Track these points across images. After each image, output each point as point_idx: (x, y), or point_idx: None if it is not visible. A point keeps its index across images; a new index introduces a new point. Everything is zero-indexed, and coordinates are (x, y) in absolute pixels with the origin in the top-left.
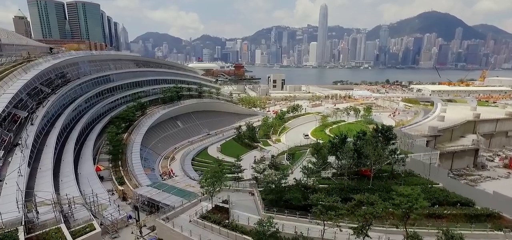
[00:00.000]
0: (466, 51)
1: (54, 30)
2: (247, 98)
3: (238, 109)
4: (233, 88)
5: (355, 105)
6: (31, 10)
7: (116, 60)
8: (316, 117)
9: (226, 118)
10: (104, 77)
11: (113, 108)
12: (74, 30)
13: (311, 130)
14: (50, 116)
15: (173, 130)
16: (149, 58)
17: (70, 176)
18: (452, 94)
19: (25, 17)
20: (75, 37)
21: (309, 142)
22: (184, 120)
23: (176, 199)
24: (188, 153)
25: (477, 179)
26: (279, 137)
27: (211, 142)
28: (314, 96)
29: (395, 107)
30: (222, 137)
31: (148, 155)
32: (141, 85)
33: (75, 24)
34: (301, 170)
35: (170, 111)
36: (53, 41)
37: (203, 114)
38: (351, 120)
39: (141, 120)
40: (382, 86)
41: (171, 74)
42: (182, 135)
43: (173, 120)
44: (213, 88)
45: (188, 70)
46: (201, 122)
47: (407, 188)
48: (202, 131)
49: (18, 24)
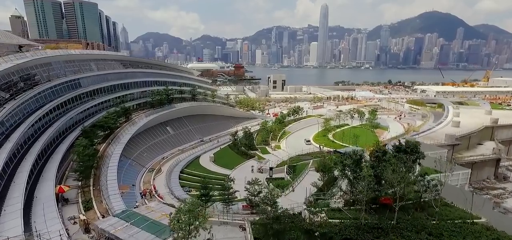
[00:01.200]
0: (468, 51)
1: (51, 29)
2: (245, 100)
3: (235, 112)
4: (232, 89)
5: (358, 107)
6: (27, 9)
7: (99, 60)
8: (318, 121)
9: (222, 122)
10: (81, 80)
11: (92, 114)
12: (72, 30)
13: (313, 135)
14: (5, 128)
15: (162, 137)
16: (138, 58)
17: (16, 205)
18: (457, 95)
19: (22, 16)
20: (72, 37)
21: (311, 148)
22: (175, 125)
23: (145, 237)
24: (177, 164)
25: (501, 194)
26: (278, 143)
27: (205, 150)
28: (316, 97)
29: (400, 109)
30: (216, 144)
31: (130, 168)
32: (127, 87)
33: (73, 24)
34: (306, 207)
35: (159, 116)
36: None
37: (197, 118)
38: (355, 124)
39: (124, 127)
40: (385, 86)
41: (162, 76)
42: (172, 142)
43: (162, 126)
44: (209, 90)
45: (182, 70)
46: (194, 128)
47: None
48: (195, 137)
49: (15, 23)
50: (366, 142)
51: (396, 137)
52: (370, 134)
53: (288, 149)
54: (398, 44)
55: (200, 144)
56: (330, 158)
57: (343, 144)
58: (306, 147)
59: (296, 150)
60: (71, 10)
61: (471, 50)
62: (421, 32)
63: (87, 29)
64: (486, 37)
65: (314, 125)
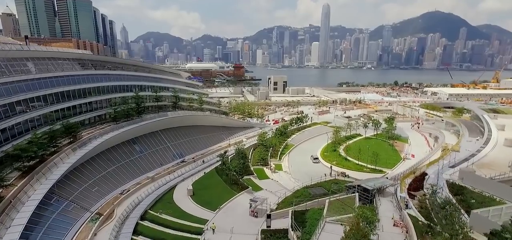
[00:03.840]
0: (471, 51)
1: (43, 27)
2: (241, 106)
3: (228, 121)
4: (229, 91)
5: (369, 112)
6: (19, 7)
7: (41, 59)
8: (326, 130)
9: (211, 134)
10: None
11: (15, 136)
12: (65, 28)
13: (321, 149)
14: None
15: (126, 160)
16: (105, 57)
17: None
18: (471, 98)
19: (13, 14)
20: (66, 35)
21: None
22: (147, 142)
23: None
24: (138, 204)
25: None
26: (280, 162)
27: (184, 176)
28: (320, 101)
29: (416, 115)
30: (201, 166)
31: (61, 217)
32: (83, 95)
33: (66, 22)
34: None
35: (123, 132)
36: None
37: (179, 131)
38: (369, 134)
39: (65, 152)
40: (392, 88)
41: (138, 79)
42: (142, 165)
43: (128, 146)
44: (197, 95)
45: (166, 72)
46: (174, 144)
47: None
48: (173, 157)
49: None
50: (387, 161)
51: (434, 161)
52: (389, 149)
53: (292, 169)
54: (400, 44)
55: (180, 166)
56: (363, 215)
57: (359, 163)
58: (314, 169)
59: (301, 173)
60: (64, 7)
61: (474, 51)
62: (424, 32)
63: (81, 28)
64: (489, 37)
65: (320, 136)
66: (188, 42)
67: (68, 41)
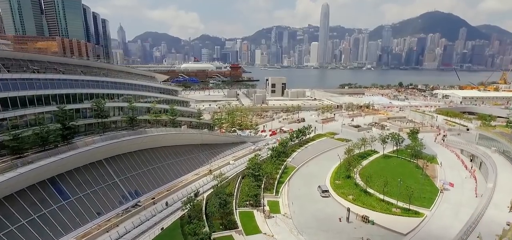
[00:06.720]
0: (471, 52)
1: (29, 25)
2: (232, 115)
3: (210, 138)
4: (223, 94)
5: (380, 120)
6: (2, 3)
7: None
8: (336, 149)
9: (187, 157)
10: None
11: None
12: (52, 26)
13: (330, 174)
14: None
15: (40, 213)
16: (25, 54)
17: None
18: (487, 101)
19: None
20: (53, 34)
21: (330, 209)
22: (80, 180)
23: None
24: None
25: None
26: (277, 198)
27: (133, 235)
28: (323, 106)
29: (435, 124)
30: (161, 215)
31: None
32: None
33: (53, 20)
34: None
35: (34, 169)
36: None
37: (136, 158)
38: (387, 150)
39: None
40: (397, 90)
41: (85, 85)
42: (61, 221)
43: (45, 187)
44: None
45: (133, 74)
46: (127, 177)
47: None
48: (123, 199)
49: None
50: (420, 193)
51: None
52: (418, 174)
53: (294, 209)
54: (400, 45)
55: (130, 213)
56: None
57: (385, 198)
58: (324, 209)
59: (306, 216)
60: (51, 5)
61: (474, 51)
62: (423, 32)
63: (69, 26)
64: (489, 37)
65: (328, 153)
66: (186, 42)
67: (51, 40)
